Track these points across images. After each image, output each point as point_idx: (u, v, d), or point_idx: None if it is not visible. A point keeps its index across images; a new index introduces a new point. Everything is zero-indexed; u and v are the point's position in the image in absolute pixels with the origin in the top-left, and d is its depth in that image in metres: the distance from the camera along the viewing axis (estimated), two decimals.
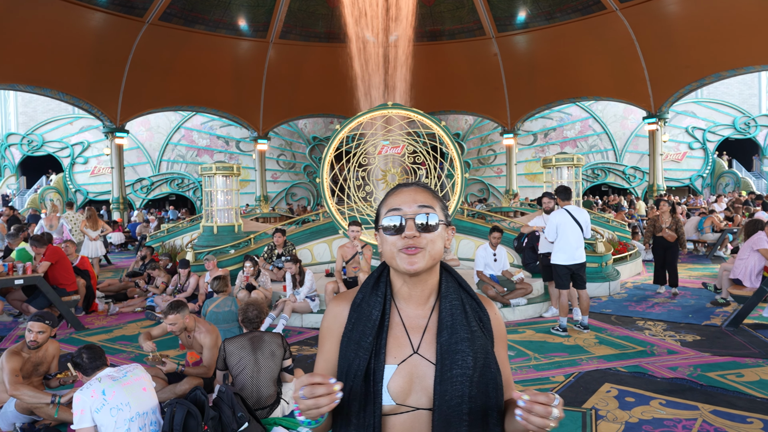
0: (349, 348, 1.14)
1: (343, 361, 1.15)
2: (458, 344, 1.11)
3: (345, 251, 6.67)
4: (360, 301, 1.18)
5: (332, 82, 18.02)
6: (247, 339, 3.71)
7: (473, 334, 1.13)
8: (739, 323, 5.71)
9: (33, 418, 3.60)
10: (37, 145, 24.19)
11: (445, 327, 1.13)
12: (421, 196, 1.15)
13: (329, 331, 1.22)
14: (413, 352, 1.13)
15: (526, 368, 4.58)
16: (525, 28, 17.84)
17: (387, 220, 1.14)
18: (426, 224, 1.12)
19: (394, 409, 1.10)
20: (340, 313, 1.21)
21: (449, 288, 1.19)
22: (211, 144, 24.69)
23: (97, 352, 3.14)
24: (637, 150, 23.75)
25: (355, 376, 1.10)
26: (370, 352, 1.11)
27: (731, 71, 15.23)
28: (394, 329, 1.16)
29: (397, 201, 1.15)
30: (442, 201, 1.20)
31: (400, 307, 1.18)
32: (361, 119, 8.51)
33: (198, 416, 3.03)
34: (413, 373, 1.11)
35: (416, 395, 1.11)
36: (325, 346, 1.22)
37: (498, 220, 11.01)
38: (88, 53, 15.37)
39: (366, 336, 1.12)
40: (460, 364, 1.09)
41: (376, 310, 1.15)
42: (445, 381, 1.08)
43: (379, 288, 1.19)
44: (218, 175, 9.70)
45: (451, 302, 1.16)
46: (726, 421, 3.39)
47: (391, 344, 1.14)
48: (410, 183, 1.20)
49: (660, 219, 7.69)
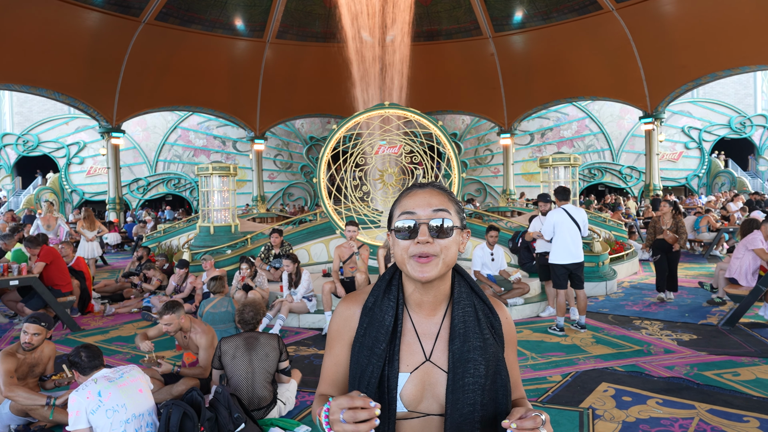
0: (362, 354, 1.12)
1: (356, 367, 1.14)
2: (470, 352, 1.10)
3: (342, 251, 6.66)
4: (372, 305, 1.16)
5: (329, 82, 18.02)
6: (243, 339, 3.70)
7: (485, 341, 1.12)
8: (735, 322, 5.72)
9: (28, 420, 3.58)
10: (33, 145, 24.10)
11: (457, 335, 1.11)
12: (437, 199, 1.12)
13: (339, 335, 1.20)
14: (425, 360, 1.12)
15: (524, 368, 4.58)
16: (522, 28, 17.86)
17: (400, 223, 1.11)
18: (441, 229, 1.09)
19: (405, 415, 1.10)
20: (351, 317, 1.19)
21: (462, 293, 1.17)
22: (207, 144, 24.64)
23: (96, 351, 3.12)
24: (633, 150, 23.82)
25: (368, 383, 1.09)
26: (384, 360, 1.09)
27: (727, 71, 15.28)
28: (407, 336, 1.14)
29: (411, 203, 1.12)
30: (458, 203, 1.17)
31: (411, 313, 1.16)
32: (358, 119, 8.50)
33: (194, 417, 3.01)
34: (425, 381, 1.11)
35: (427, 402, 1.10)
36: (335, 349, 1.21)
37: (495, 220, 11.03)
38: (84, 53, 15.30)
39: (379, 343, 1.10)
40: (473, 373, 1.08)
41: (389, 316, 1.13)
42: (457, 389, 1.07)
43: (391, 292, 1.16)
44: (215, 175, 9.69)
45: (464, 309, 1.14)
46: (723, 420, 3.40)
47: (404, 351, 1.12)
48: (426, 184, 1.17)
49: (661, 220, 7.31)
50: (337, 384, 1.21)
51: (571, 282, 5.82)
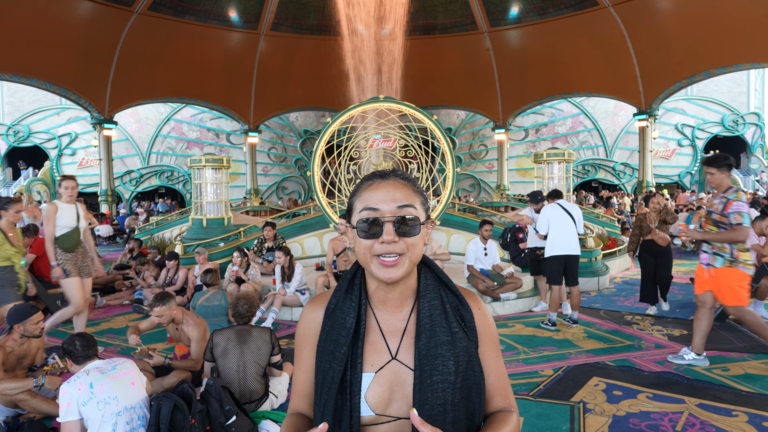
0: (323, 359, 1.06)
1: (318, 373, 1.08)
2: (437, 348, 1.02)
3: (336, 244, 6.66)
4: (334, 307, 1.09)
5: (324, 75, 17.93)
6: (235, 332, 3.69)
7: (454, 336, 1.05)
8: (725, 318, 5.76)
9: (17, 412, 3.56)
10: (24, 135, 23.86)
11: (423, 330, 1.04)
12: (401, 193, 1.03)
13: (305, 339, 1.14)
14: (391, 358, 1.05)
15: (516, 362, 4.60)
16: (518, 23, 17.85)
17: (361, 220, 1.03)
18: (406, 227, 1.01)
19: (373, 420, 1.03)
20: (314, 319, 1.13)
21: (428, 287, 1.09)
22: (201, 136, 24.50)
23: (90, 340, 3.09)
24: (627, 146, 23.92)
25: (329, 389, 1.03)
26: (345, 363, 1.03)
27: (721, 69, 15.36)
28: (371, 334, 1.07)
29: (373, 198, 1.03)
30: (422, 194, 1.09)
31: (376, 311, 1.10)
32: (353, 112, 8.47)
33: (185, 409, 3.00)
34: (393, 381, 1.04)
35: (397, 404, 1.03)
36: (303, 354, 1.14)
37: (488, 215, 11.03)
38: (76, 43, 15.13)
39: (340, 346, 1.04)
40: (441, 370, 1.01)
41: (351, 317, 1.06)
42: (425, 389, 1.00)
43: (353, 292, 1.09)
44: (208, 168, 9.63)
45: (430, 302, 1.07)
46: (712, 414, 3.42)
47: (368, 351, 1.06)
48: (387, 173, 1.07)
49: (648, 218, 6.25)
50: (307, 396, 1.15)
51: (565, 278, 5.83)
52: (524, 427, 3.30)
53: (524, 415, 3.46)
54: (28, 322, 3.66)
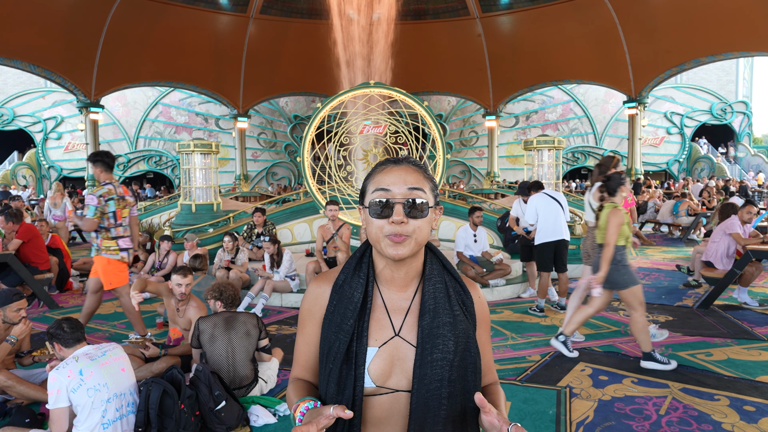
0: (330, 330, 1.13)
1: (324, 344, 1.14)
2: (440, 328, 1.10)
3: (325, 231, 6.65)
4: (342, 283, 1.16)
5: (314, 59, 17.73)
6: (222, 318, 3.68)
7: (455, 318, 1.12)
8: (709, 304, 5.86)
9: (5, 398, 3.54)
10: (8, 119, 23.42)
11: (427, 310, 1.11)
12: (412, 177, 1.10)
13: (310, 313, 1.20)
14: (395, 335, 1.12)
15: (503, 347, 4.65)
16: (509, 8, 17.72)
17: (374, 200, 1.09)
18: (415, 209, 1.08)
19: (373, 391, 1.10)
20: (321, 295, 1.18)
21: (433, 270, 1.17)
22: (189, 121, 24.22)
23: (77, 323, 3.07)
24: (616, 134, 24.04)
25: (335, 358, 1.09)
26: (351, 335, 1.09)
27: (711, 57, 15.40)
28: (376, 311, 1.14)
29: (386, 180, 1.10)
30: (432, 180, 1.15)
31: (382, 289, 1.16)
32: (343, 98, 8.41)
33: (174, 395, 3.00)
34: (394, 356, 1.11)
35: (396, 377, 1.10)
36: (306, 328, 1.21)
37: (479, 202, 11.08)
38: (61, 24, 14.76)
39: (347, 319, 1.10)
40: (441, 348, 1.08)
41: (358, 292, 1.12)
42: (425, 365, 1.07)
43: (362, 269, 1.16)
44: (196, 153, 9.55)
45: (435, 285, 1.14)
46: (694, 399, 3.50)
47: (372, 326, 1.12)
48: (401, 159, 1.15)
49: None
50: (309, 366, 1.23)
51: (554, 265, 5.90)
52: (511, 411, 3.35)
53: (511, 400, 3.51)
54: (7, 308, 3.63)
